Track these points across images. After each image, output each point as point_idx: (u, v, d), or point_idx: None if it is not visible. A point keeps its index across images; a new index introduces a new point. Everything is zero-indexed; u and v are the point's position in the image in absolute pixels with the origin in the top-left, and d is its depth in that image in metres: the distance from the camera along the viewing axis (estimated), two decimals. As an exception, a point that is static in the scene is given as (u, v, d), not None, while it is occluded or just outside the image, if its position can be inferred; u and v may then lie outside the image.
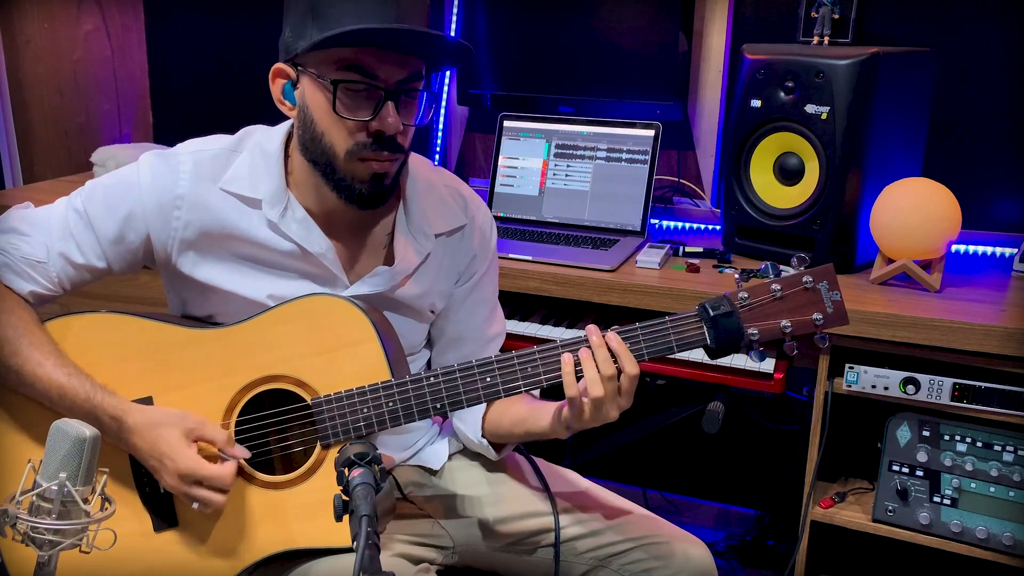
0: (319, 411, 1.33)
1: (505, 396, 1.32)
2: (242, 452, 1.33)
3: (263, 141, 1.41)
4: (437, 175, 1.52)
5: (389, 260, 1.45)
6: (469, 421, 1.53)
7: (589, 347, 1.29)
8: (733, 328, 1.29)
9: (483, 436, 1.51)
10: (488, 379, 1.31)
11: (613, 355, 1.28)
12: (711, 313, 1.29)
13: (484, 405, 1.51)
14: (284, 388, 1.35)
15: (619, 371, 1.27)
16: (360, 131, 1.29)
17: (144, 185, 1.38)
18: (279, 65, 1.33)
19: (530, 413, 1.43)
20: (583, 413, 1.30)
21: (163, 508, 1.36)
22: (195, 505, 1.30)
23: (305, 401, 1.34)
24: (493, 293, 1.60)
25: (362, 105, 1.28)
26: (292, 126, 1.39)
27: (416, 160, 1.47)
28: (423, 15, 1.30)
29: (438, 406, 1.32)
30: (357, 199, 1.34)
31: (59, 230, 1.39)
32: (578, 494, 1.55)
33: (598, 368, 1.27)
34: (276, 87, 1.35)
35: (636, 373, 1.28)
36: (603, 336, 1.28)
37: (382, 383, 1.32)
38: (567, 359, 1.28)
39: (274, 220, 1.38)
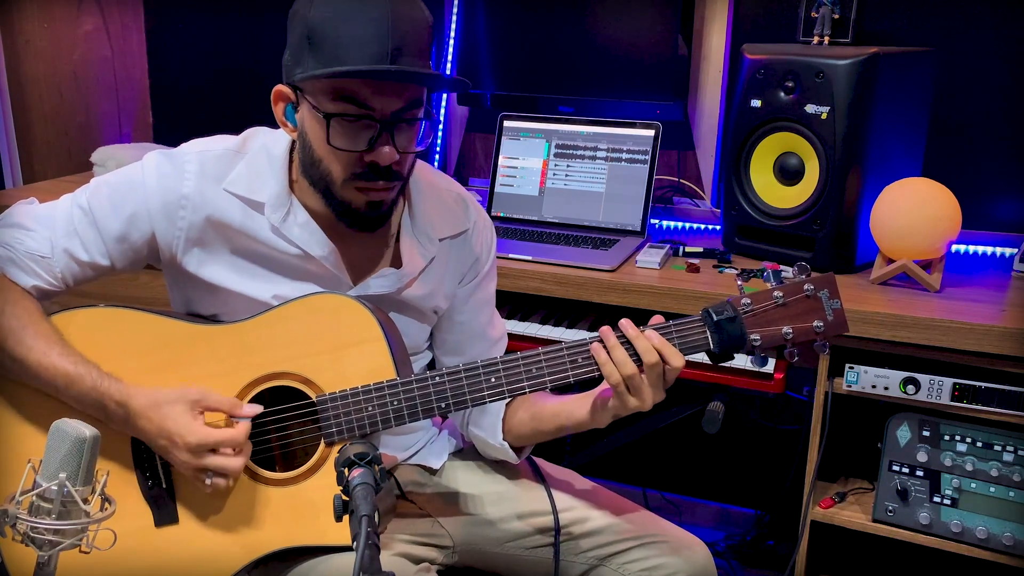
0: (324, 409, 1.33)
1: (509, 397, 1.33)
2: (252, 410, 1.32)
3: (269, 144, 1.41)
4: (440, 179, 1.53)
5: (395, 262, 1.45)
6: (487, 426, 1.52)
7: (602, 344, 1.29)
8: (736, 333, 1.31)
9: (504, 439, 1.51)
10: (493, 380, 1.32)
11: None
12: (715, 318, 1.31)
13: (503, 409, 1.51)
14: (289, 385, 1.35)
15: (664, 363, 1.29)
16: (356, 161, 1.29)
17: (149, 185, 1.38)
18: (280, 87, 1.33)
19: (561, 408, 1.43)
20: (628, 400, 1.30)
21: (164, 503, 1.36)
22: (208, 482, 1.29)
23: (310, 399, 1.34)
24: (494, 296, 1.61)
25: (358, 136, 1.28)
26: (297, 132, 1.40)
27: (417, 164, 1.47)
28: (423, 39, 1.28)
29: (443, 406, 1.33)
30: (354, 223, 1.35)
31: (64, 226, 1.39)
32: (578, 494, 1.55)
33: (640, 359, 1.28)
34: (278, 109, 1.35)
35: (680, 365, 1.29)
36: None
37: (387, 382, 1.32)
38: (598, 348, 1.29)
39: (276, 224, 1.38)
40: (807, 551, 1.90)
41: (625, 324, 1.30)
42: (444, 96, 2.73)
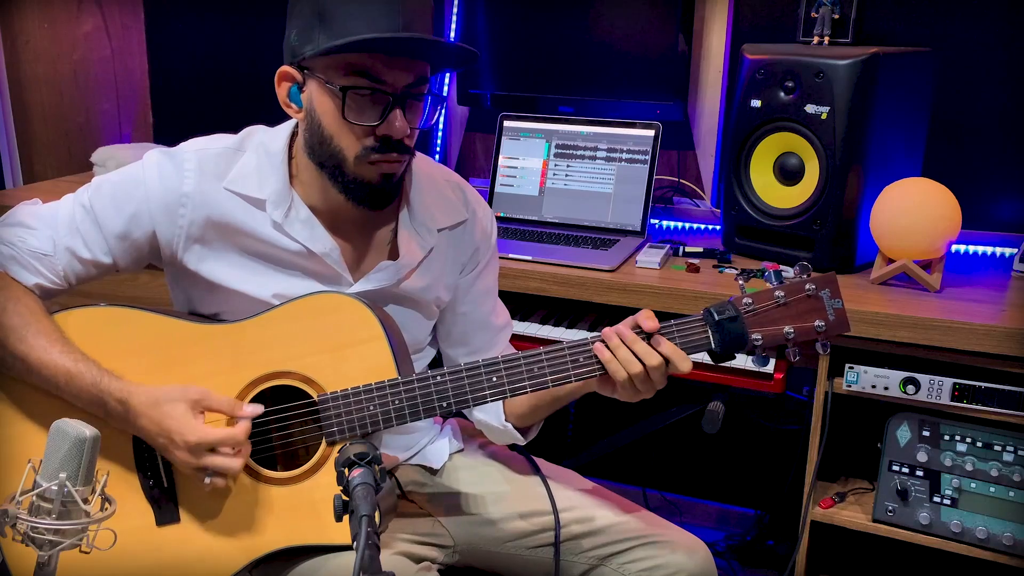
0: (325, 408, 1.33)
1: (511, 396, 1.33)
2: (252, 410, 1.32)
3: (267, 141, 1.41)
4: (437, 170, 1.54)
5: (393, 256, 1.46)
6: (490, 410, 1.53)
7: (604, 343, 1.30)
8: (738, 333, 1.30)
9: (507, 420, 1.51)
10: (494, 379, 1.32)
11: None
12: (716, 318, 1.31)
13: None
14: (290, 384, 1.35)
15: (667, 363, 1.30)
16: (368, 135, 1.30)
17: (150, 183, 1.38)
18: (285, 68, 1.34)
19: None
20: (634, 395, 1.32)
21: (166, 502, 1.36)
22: (207, 480, 1.29)
23: (311, 398, 1.35)
24: (496, 285, 1.61)
25: (369, 110, 1.29)
26: (295, 126, 1.40)
27: (416, 156, 1.48)
28: (428, 18, 1.31)
29: (444, 405, 1.33)
30: (367, 199, 1.35)
31: (66, 225, 1.40)
32: (578, 493, 1.55)
33: (643, 362, 1.28)
34: (282, 90, 1.35)
35: (688, 369, 1.30)
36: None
37: (389, 381, 1.33)
38: (601, 348, 1.30)
39: (278, 221, 1.38)
40: (807, 551, 1.90)
41: (624, 332, 1.30)
42: (445, 88, 2.73)
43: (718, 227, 2.26)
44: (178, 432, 1.28)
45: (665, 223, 2.41)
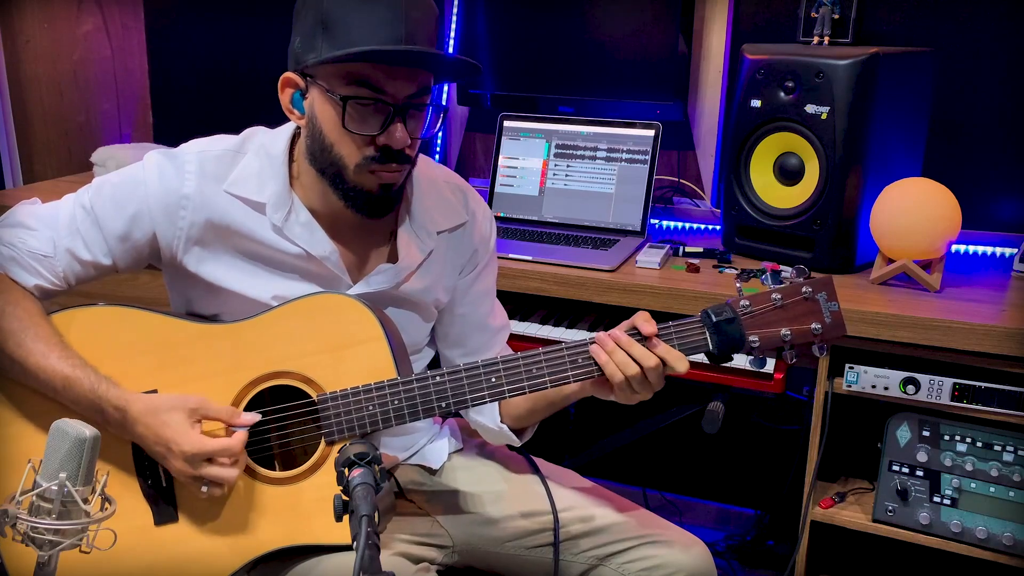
0: (324, 408, 1.33)
1: (510, 397, 1.33)
2: (250, 419, 1.32)
3: (267, 143, 1.41)
4: (438, 172, 1.54)
5: (392, 258, 1.46)
6: (486, 411, 1.54)
7: (600, 347, 1.29)
8: (735, 335, 1.31)
9: (502, 422, 1.52)
10: (493, 379, 1.32)
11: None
12: (714, 319, 1.31)
13: None
14: (290, 384, 1.36)
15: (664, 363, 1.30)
16: (368, 145, 1.30)
17: (151, 184, 1.38)
18: (288, 74, 1.34)
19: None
20: (632, 397, 1.32)
21: (164, 502, 1.36)
22: (204, 489, 1.29)
23: (311, 398, 1.35)
24: (494, 287, 1.61)
25: (370, 120, 1.29)
26: (296, 128, 1.40)
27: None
28: (432, 28, 1.30)
29: (443, 405, 1.33)
30: (366, 208, 1.35)
31: (66, 226, 1.40)
32: (578, 493, 1.55)
33: (640, 364, 1.28)
34: (285, 96, 1.36)
35: (685, 369, 1.30)
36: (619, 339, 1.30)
37: (388, 381, 1.33)
38: (597, 350, 1.30)
39: (278, 224, 1.38)
40: (807, 551, 1.90)
41: (619, 336, 1.30)
42: (444, 94, 2.73)
43: (718, 227, 2.26)
44: (175, 442, 1.28)
45: (665, 223, 2.41)
